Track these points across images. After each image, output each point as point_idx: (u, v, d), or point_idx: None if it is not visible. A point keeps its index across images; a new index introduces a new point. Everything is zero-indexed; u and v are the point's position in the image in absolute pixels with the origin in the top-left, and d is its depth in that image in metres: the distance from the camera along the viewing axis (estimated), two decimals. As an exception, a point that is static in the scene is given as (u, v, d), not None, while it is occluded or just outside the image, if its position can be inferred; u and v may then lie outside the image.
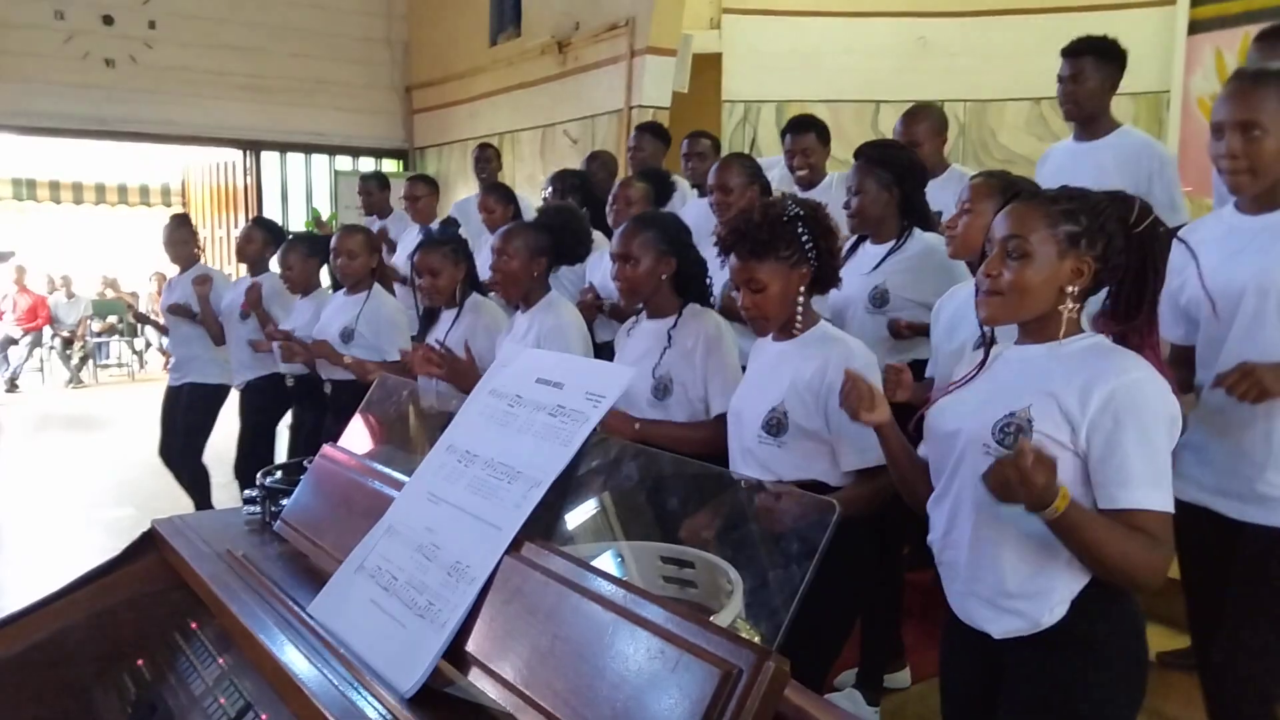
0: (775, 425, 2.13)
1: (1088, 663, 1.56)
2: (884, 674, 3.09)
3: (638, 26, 6.63)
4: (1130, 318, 1.61)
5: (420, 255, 3.39)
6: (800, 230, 2.12)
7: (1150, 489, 1.48)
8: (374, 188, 6.26)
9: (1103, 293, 1.65)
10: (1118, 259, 1.57)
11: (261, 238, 4.81)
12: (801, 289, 2.16)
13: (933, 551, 1.74)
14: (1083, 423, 1.50)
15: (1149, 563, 1.47)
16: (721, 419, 2.46)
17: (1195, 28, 5.94)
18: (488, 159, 6.06)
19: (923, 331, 2.88)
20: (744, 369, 2.51)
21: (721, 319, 2.70)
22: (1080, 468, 1.52)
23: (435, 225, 5.34)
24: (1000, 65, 6.39)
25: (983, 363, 1.71)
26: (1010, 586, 1.58)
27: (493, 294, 3.38)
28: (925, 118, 3.85)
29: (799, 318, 2.18)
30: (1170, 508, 1.49)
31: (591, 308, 3.88)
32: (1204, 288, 1.96)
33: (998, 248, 1.60)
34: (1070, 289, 1.58)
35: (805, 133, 4.09)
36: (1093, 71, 3.31)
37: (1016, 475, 1.37)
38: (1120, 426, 1.48)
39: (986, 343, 1.72)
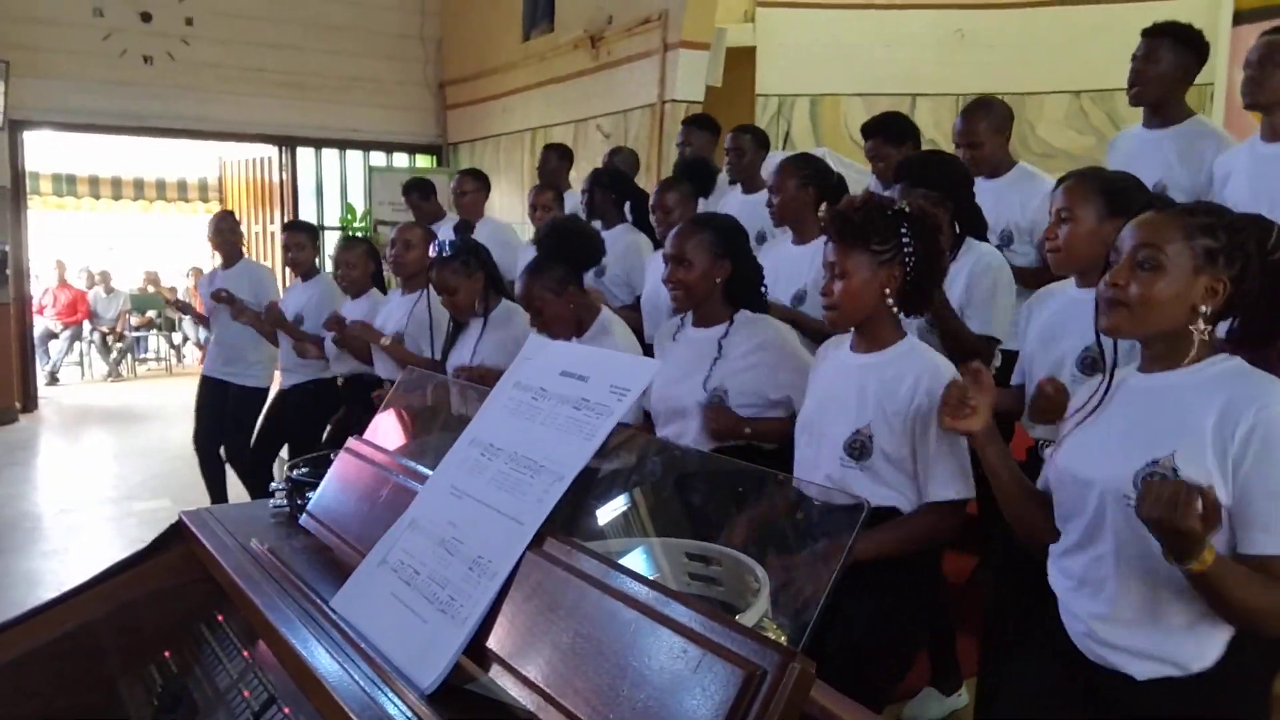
0: (859, 449, 2.01)
1: (1227, 703, 1.52)
2: (953, 655, 3.06)
3: (670, 20, 6.59)
4: (1261, 345, 1.53)
5: (435, 273, 3.37)
6: (902, 228, 2.00)
7: None
8: (417, 199, 5.94)
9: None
10: (1252, 283, 1.49)
11: (311, 242, 4.85)
12: (888, 292, 2.01)
13: (1056, 593, 1.68)
14: (1228, 461, 1.42)
15: None
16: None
17: (1240, 18, 5.80)
18: (545, 159, 5.91)
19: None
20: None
21: (779, 322, 2.61)
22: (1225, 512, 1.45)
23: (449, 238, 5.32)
24: (1039, 57, 6.27)
25: (1105, 392, 1.61)
26: (1165, 636, 1.52)
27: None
28: (985, 114, 3.52)
29: (890, 328, 2.07)
30: None
31: None
32: None
33: (1126, 257, 1.52)
34: (1203, 309, 1.49)
35: (871, 137, 3.90)
36: (1167, 54, 3.15)
37: (1178, 518, 1.28)
38: (1264, 463, 1.39)
39: (1108, 369, 1.62)
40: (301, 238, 4.78)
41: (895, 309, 2.04)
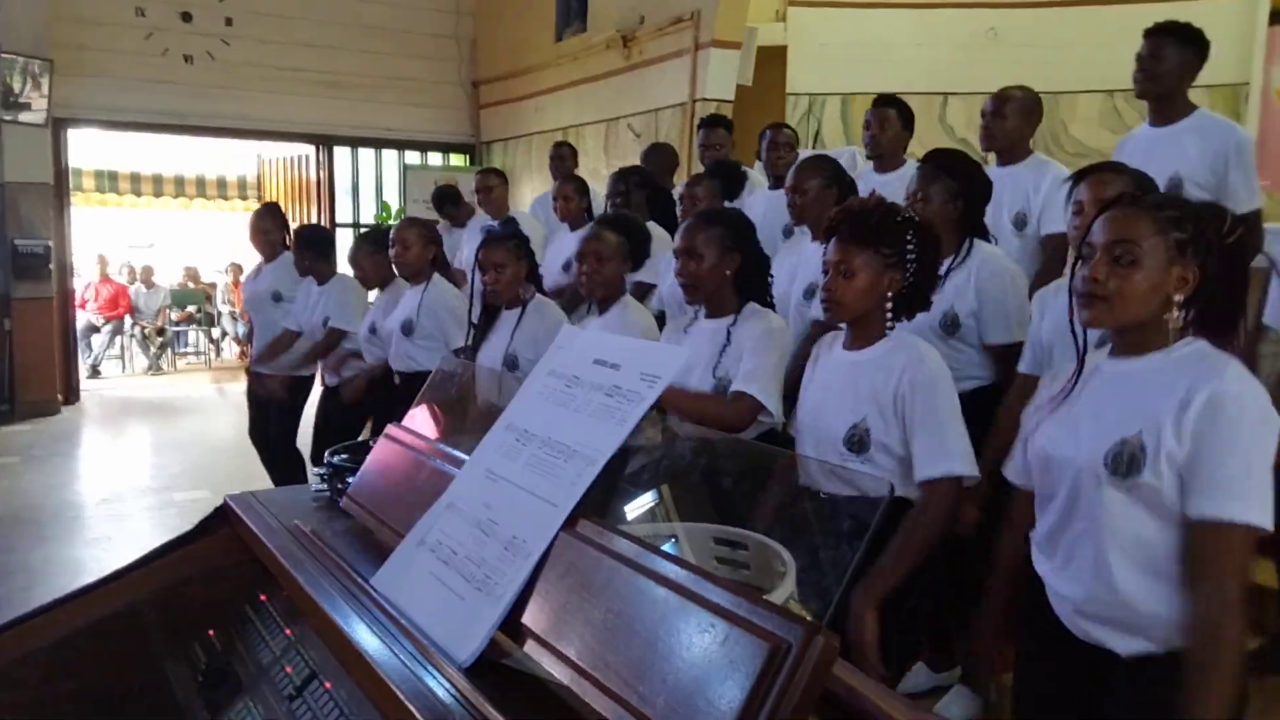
0: (857, 442, 2.08)
1: None
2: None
3: (703, 20, 6.62)
4: (1223, 330, 1.57)
5: (485, 251, 3.41)
6: (909, 235, 2.08)
7: (1239, 502, 1.44)
8: (451, 210, 6.14)
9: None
10: (1213, 270, 1.54)
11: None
12: (889, 295, 2.10)
13: (1041, 576, 1.71)
14: (1186, 432, 1.46)
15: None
16: (740, 397, 2.45)
17: (1277, 18, 5.75)
18: (562, 156, 6.13)
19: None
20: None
21: (781, 319, 2.67)
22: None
23: (495, 224, 5.40)
24: (1072, 56, 6.25)
25: (1077, 376, 1.66)
26: (1147, 612, 1.56)
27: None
28: (1016, 94, 3.71)
29: (887, 328, 2.14)
30: (1267, 524, 1.44)
31: None
32: None
33: (1102, 253, 1.56)
34: (1177, 298, 1.54)
35: (887, 106, 4.11)
36: (1172, 52, 3.25)
37: None
38: (1215, 435, 1.44)
39: (1080, 356, 1.67)
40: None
41: (890, 311, 2.12)
